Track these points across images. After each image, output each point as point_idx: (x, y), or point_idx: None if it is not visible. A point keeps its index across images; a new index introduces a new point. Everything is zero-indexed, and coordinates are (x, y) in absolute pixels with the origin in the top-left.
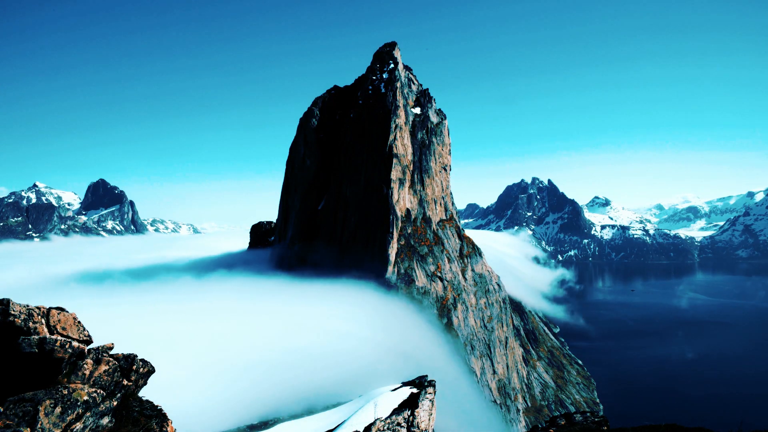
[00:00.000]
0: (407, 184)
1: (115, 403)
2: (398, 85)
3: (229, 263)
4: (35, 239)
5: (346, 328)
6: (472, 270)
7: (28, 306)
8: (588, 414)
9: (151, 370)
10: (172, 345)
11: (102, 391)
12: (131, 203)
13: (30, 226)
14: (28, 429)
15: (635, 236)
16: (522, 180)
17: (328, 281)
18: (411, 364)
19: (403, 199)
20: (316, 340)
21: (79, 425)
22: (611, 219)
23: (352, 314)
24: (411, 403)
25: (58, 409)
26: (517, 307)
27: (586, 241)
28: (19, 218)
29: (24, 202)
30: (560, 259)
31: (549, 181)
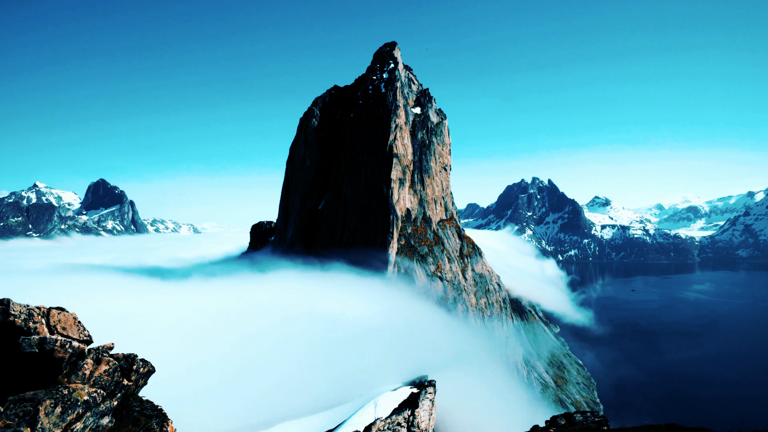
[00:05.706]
0: (407, 184)
1: (115, 403)
2: (398, 85)
3: (228, 264)
4: (35, 239)
5: (349, 317)
6: (472, 270)
7: (28, 306)
8: (588, 414)
9: (152, 370)
10: (172, 345)
11: (102, 391)
12: (131, 203)
13: (30, 226)
14: (29, 429)
15: (635, 236)
16: (522, 180)
17: (329, 271)
18: (422, 348)
19: (403, 199)
20: (317, 339)
21: (79, 425)
22: (611, 219)
23: (355, 302)
24: (411, 403)
25: (58, 409)
26: (517, 306)
27: (586, 240)
28: (20, 218)
29: (24, 202)
30: (560, 258)
31: (549, 180)
